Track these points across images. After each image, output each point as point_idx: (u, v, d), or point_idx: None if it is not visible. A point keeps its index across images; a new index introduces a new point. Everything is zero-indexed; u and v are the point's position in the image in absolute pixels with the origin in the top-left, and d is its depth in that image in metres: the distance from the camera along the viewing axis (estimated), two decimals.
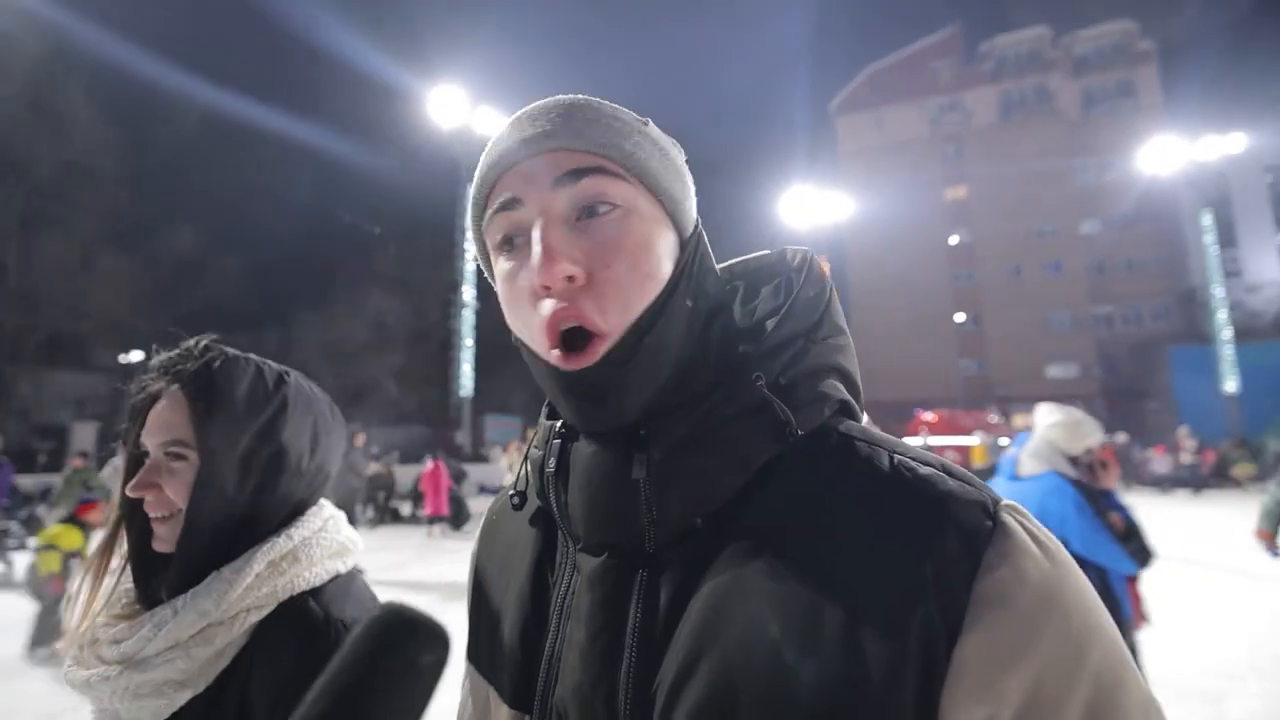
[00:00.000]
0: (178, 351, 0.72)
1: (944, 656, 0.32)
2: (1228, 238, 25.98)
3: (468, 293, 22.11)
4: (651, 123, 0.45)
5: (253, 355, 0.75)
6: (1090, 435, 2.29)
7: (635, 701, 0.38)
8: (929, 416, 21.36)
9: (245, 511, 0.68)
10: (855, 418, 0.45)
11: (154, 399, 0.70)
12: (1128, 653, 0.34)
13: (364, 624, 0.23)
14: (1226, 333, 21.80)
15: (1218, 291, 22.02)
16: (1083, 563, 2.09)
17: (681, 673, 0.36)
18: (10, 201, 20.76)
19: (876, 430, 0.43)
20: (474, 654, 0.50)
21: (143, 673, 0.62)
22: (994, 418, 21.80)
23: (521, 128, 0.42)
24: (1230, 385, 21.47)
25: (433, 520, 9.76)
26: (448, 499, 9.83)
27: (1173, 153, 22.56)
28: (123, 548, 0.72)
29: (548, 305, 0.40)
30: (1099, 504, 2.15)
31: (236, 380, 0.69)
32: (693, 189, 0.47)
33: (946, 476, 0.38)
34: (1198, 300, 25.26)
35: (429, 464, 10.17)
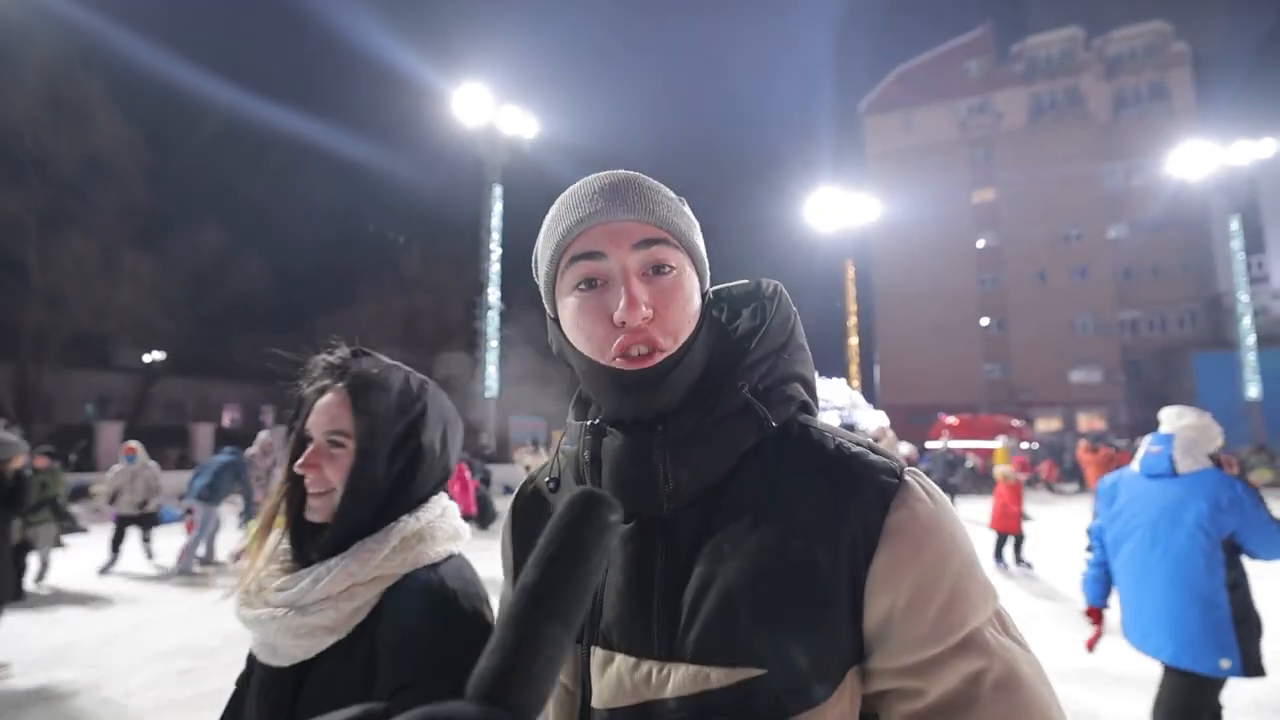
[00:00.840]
0: (339, 355, 0.85)
1: (865, 564, 0.49)
2: (1255, 243, 25.82)
3: (493, 294, 21.89)
4: (685, 201, 0.62)
5: (401, 364, 0.87)
6: (1218, 436, 2.34)
7: (664, 623, 0.52)
8: (951, 420, 21.45)
9: (387, 495, 0.81)
10: (812, 413, 0.61)
11: (319, 393, 0.83)
12: (977, 559, 0.51)
13: (570, 498, 0.31)
14: (1250, 339, 21.77)
15: (1243, 297, 21.97)
16: (1247, 549, 2.14)
17: (696, 602, 0.51)
18: (33, 200, 20.44)
19: (824, 422, 0.60)
20: None
21: (301, 617, 0.75)
22: (1016, 422, 21.90)
23: (605, 197, 0.56)
24: (1253, 391, 21.49)
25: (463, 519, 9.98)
26: (475, 499, 9.99)
27: (1204, 157, 22.32)
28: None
29: (621, 334, 0.54)
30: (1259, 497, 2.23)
31: (390, 386, 0.83)
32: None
33: (870, 453, 0.54)
34: (1223, 306, 25.20)
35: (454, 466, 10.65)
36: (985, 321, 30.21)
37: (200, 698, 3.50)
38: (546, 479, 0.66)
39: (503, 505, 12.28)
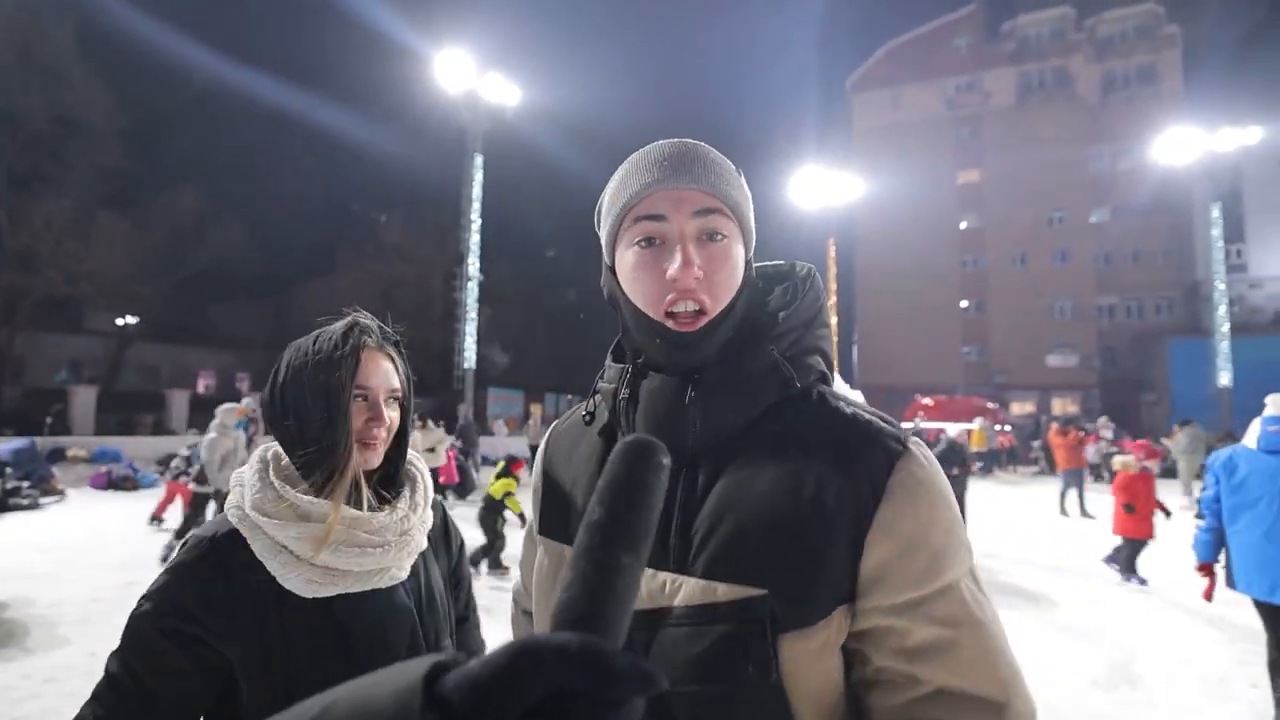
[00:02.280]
0: (371, 320, 0.95)
1: (870, 515, 0.56)
2: (1235, 232, 25.85)
3: (473, 265, 21.69)
4: (742, 173, 0.68)
5: None
6: None
7: (679, 546, 0.59)
8: (927, 401, 21.61)
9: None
10: (829, 384, 0.68)
11: (359, 350, 0.90)
12: (961, 523, 0.59)
13: (623, 444, 0.33)
14: (1225, 327, 21.89)
15: (1220, 285, 22.02)
16: None
17: (711, 527, 0.58)
18: (3, 158, 20.05)
19: (840, 391, 0.67)
20: (546, 526, 0.74)
21: (416, 537, 0.91)
22: (991, 404, 22.07)
23: (673, 165, 0.62)
24: (1225, 379, 21.68)
25: (443, 489, 10.12)
26: (455, 468, 10.34)
27: (1189, 143, 22.17)
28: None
29: (673, 291, 0.61)
30: None
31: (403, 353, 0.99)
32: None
33: (879, 420, 0.62)
34: (1200, 294, 25.29)
35: None
36: (965, 304, 30.22)
37: None
38: (583, 413, 0.75)
39: (482, 476, 12.20)
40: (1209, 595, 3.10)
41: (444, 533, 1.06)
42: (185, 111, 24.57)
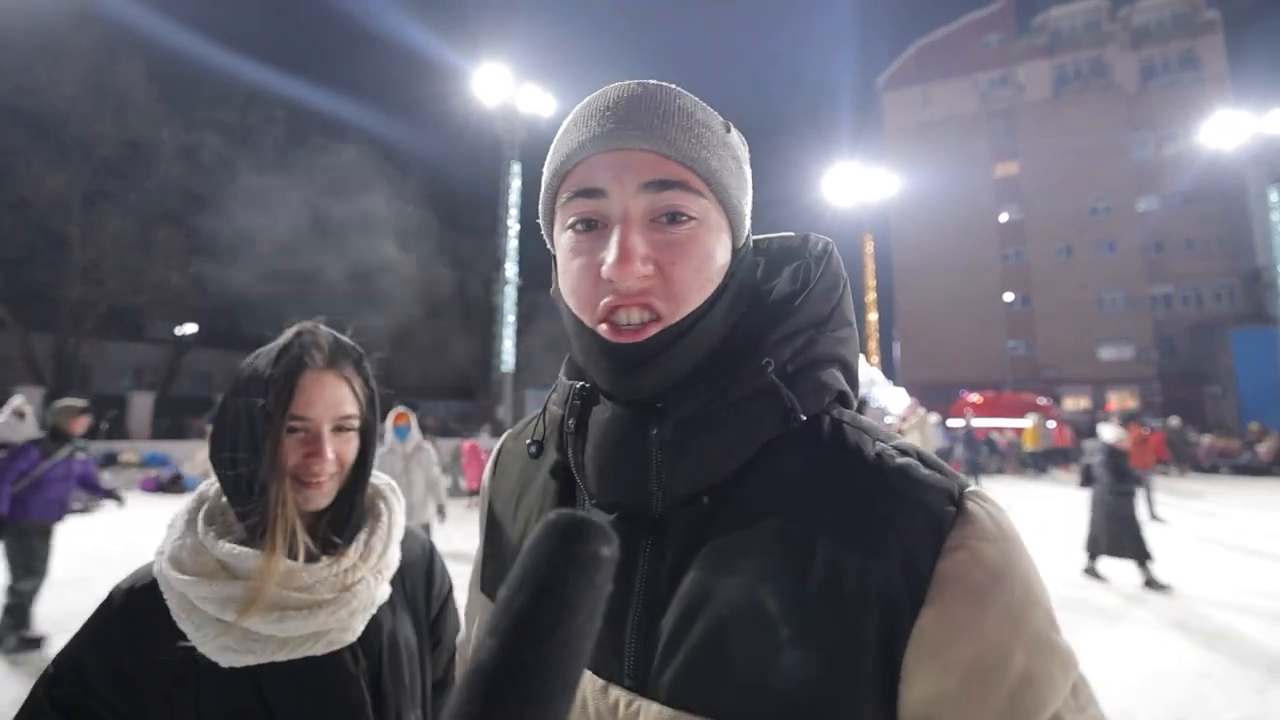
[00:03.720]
0: (326, 335, 0.80)
1: (908, 623, 0.37)
2: None
3: (510, 269, 22.30)
4: (733, 127, 0.49)
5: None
6: None
7: (639, 650, 0.43)
8: (974, 398, 20.91)
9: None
10: (849, 405, 0.49)
11: (298, 373, 0.76)
12: (1054, 616, 0.40)
13: (545, 524, 0.24)
14: None
15: None
16: None
17: (679, 627, 0.41)
18: (75, 179, 21.50)
19: (865, 419, 0.47)
20: (487, 584, 0.56)
21: (372, 588, 0.77)
22: (1042, 400, 21.24)
23: (617, 115, 0.44)
24: None
25: (472, 494, 10.34)
26: None
27: (1238, 126, 21.60)
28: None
29: (609, 294, 0.44)
30: None
31: (368, 368, 0.83)
32: (750, 189, 0.51)
33: (920, 465, 0.42)
34: (1263, 280, 24.18)
35: (466, 443, 11.21)
36: (1009, 297, 29.49)
37: None
38: (529, 441, 0.55)
39: None
40: None
41: (425, 577, 0.88)
42: (233, 129, 26.10)
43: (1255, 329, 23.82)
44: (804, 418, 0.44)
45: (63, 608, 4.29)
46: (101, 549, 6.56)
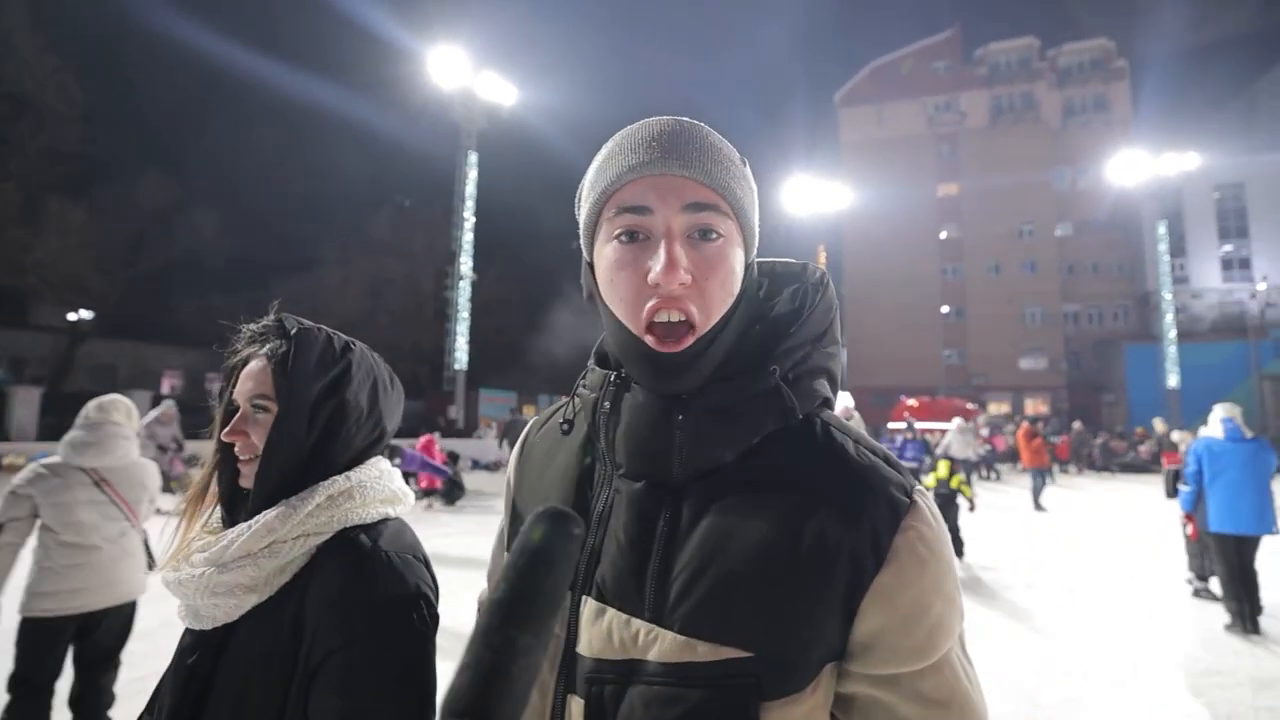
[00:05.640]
0: (263, 323, 0.85)
1: (870, 577, 0.49)
2: (1179, 247, 28.49)
3: (465, 264, 21.17)
4: (747, 162, 0.59)
5: (324, 327, 0.88)
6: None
7: (657, 588, 0.52)
8: (912, 403, 22.55)
9: (311, 453, 0.81)
10: (831, 408, 0.61)
11: (244, 362, 0.84)
12: (958, 584, 0.53)
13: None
14: (1172, 333, 24.12)
15: (1167, 295, 24.29)
16: None
17: (693, 575, 0.51)
18: None
19: (845, 421, 0.59)
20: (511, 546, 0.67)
21: (221, 575, 0.74)
22: (970, 405, 23.24)
23: (662, 146, 0.53)
24: (1173, 380, 23.77)
25: (428, 494, 9.71)
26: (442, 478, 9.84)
27: (1137, 166, 24.46)
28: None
29: (654, 297, 0.52)
30: None
31: (308, 346, 0.82)
32: (758, 218, 0.60)
33: (886, 465, 0.54)
34: (1151, 303, 27.71)
35: (422, 439, 10.56)
36: (946, 309, 31.90)
37: (136, 681, 2.58)
38: (561, 420, 0.65)
39: (470, 481, 11.74)
40: (1195, 536, 4.78)
41: (325, 602, 0.72)
42: (158, 96, 22.92)
43: (1144, 345, 27.30)
44: (800, 416, 0.56)
45: None
46: None
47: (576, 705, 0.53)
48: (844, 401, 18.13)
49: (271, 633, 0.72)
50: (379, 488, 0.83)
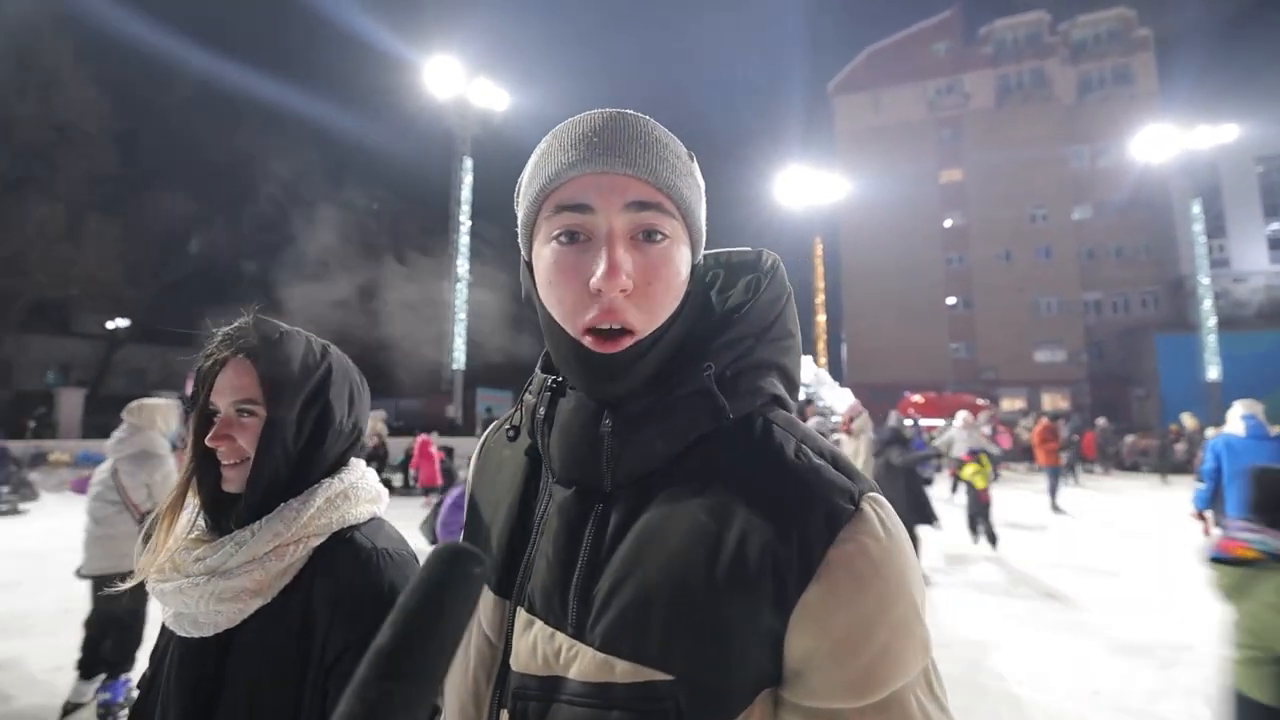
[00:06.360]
0: (237, 325, 0.84)
1: (795, 595, 0.44)
2: (1216, 227, 26.14)
3: (462, 266, 22.00)
4: (695, 157, 0.56)
5: (299, 329, 0.89)
6: None
7: (580, 600, 0.49)
8: (917, 398, 21.57)
9: (299, 459, 0.82)
10: (787, 408, 0.55)
11: (219, 365, 0.82)
12: (921, 612, 0.46)
13: (433, 552, 0.31)
14: (1211, 321, 22.05)
15: (1204, 280, 22.24)
16: None
17: (614, 584, 0.48)
18: None
19: (797, 420, 0.54)
20: None
21: (225, 580, 0.75)
22: (981, 400, 22.02)
23: (603, 142, 0.50)
24: (1213, 373, 21.73)
25: (426, 491, 10.03)
26: (439, 470, 10.23)
27: (1166, 141, 22.60)
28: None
29: (595, 306, 0.49)
30: None
31: (294, 350, 0.83)
32: (705, 214, 0.57)
33: (831, 466, 0.49)
34: (1185, 288, 25.49)
35: (419, 439, 10.96)
36: (952, 300, 30.44)
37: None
38: (508, 426, 0.64)
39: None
40: (1207, 530, 4.37)
41: (335, 599, 0.76)
42: (177, 114, 25.04)
43: (1177, 334, 25.09)
44: (731, 417, 0.51)
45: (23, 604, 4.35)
46: (36, 550, 6.40)
47: None
48: (846, 399, 17.62)
49: (281, 632, 0.75)
50: (366, 488, 0.86)
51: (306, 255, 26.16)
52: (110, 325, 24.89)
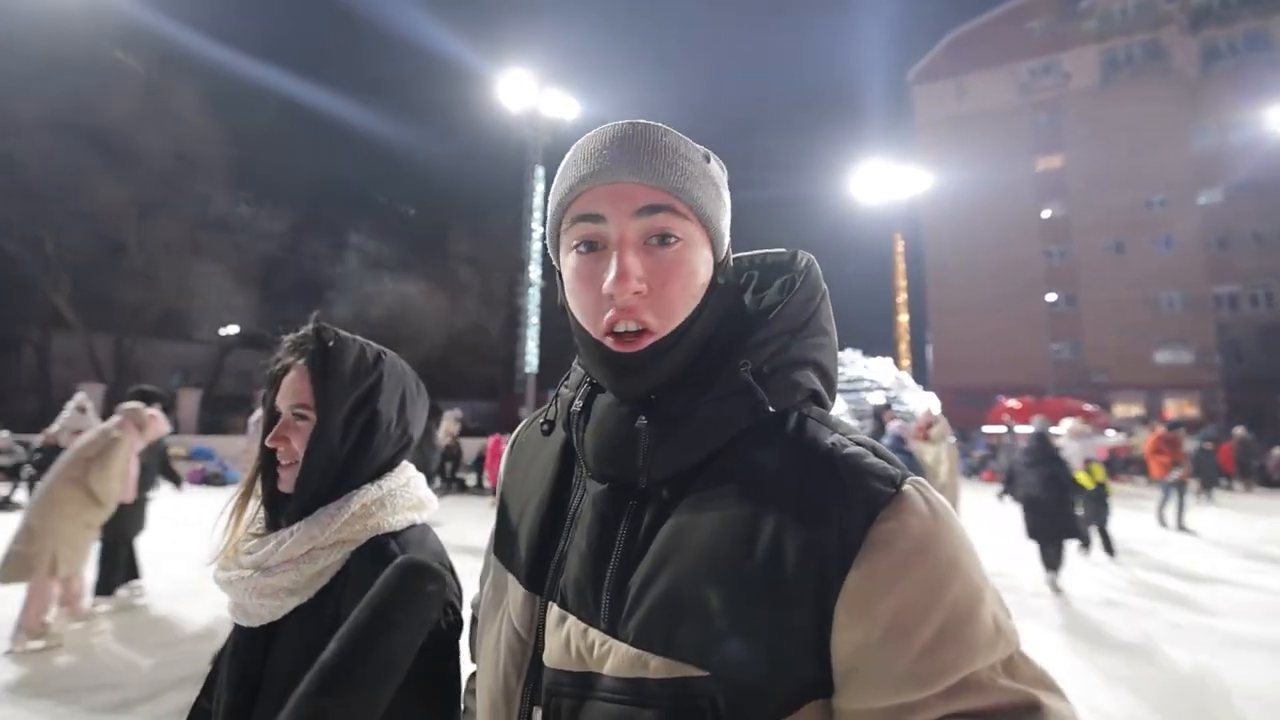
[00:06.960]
0: (302, 332, 0.89)
1: (837, 584, 0.43)
2: None
3: (534, 271, 22.60)
4: (713, 156, 0.57)
5: (358, 336, 0.92)
6: None
7: (614, 595, 0.49)
8: (1013, 403, 19.77)
9: (345, 462, 0.85)
10: (824, 404, 0.56)
11: (286, 370, 0.88)
12: (989, 594, 0.44)
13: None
14: None
15: None
16: None
17: (648, 578, 0.48)
18: (134, 191, 23.02)
19: (834, 416, 0.55)
20: (499, 549, 0.64)
21: (266, 578, 0.79)
22: (1090, 406, 19.89)
23: (611, 154, 0.52)
24: None
25: (495, 491, 10.19)
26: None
27: None
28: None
29: (612, 309, 0.51)
30: None
31: (345, 357, 0.86)
32: (729, 211, 0.57)
33: (869, 454, 0.48)
34: None
35: (491, 439, 11.24)
36: (1052, 297, 27.82)
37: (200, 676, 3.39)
38: (542, 420, 0.65)
39: None
40: None
41: (338, 593, 0.83)
42: (272, 138, 27.48)
43: None
44: (772, 410, 0.51)
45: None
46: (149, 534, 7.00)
47: (539, 718, 0.52)
48: (926, 403, 16.64)
49: (314, 631, 0.77)
50: (407, 495, 0.88)
51: (387, 263, 27.82)
52: (222, 332, 27.45)
